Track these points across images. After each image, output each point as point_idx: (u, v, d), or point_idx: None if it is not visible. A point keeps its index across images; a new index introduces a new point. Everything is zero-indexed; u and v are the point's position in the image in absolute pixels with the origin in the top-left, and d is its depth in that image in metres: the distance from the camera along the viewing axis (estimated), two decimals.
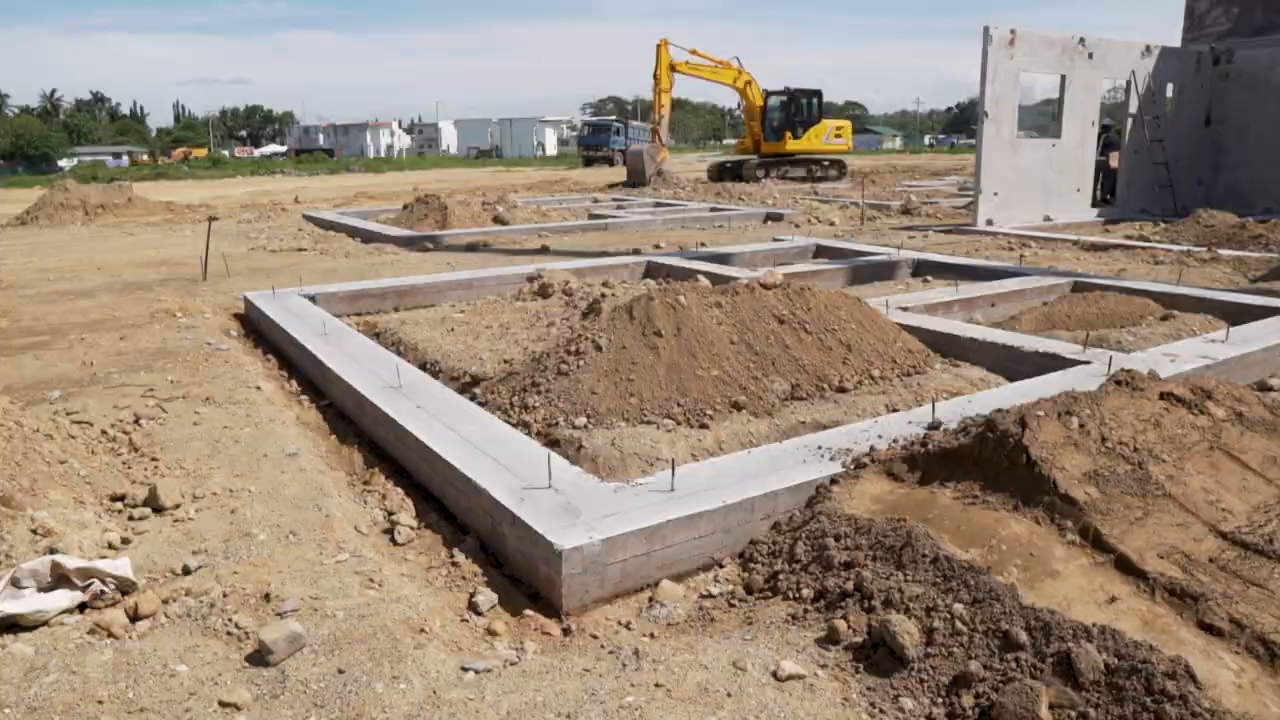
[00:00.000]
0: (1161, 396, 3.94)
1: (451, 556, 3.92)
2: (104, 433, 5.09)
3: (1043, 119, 22.89)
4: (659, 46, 28.04)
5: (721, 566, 3.82)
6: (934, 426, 4.76)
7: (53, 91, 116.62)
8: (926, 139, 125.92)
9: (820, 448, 4.47)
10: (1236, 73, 18.95)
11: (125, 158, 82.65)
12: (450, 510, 4.42)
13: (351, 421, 5.90)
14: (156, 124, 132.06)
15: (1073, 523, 3.34)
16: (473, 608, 3.49)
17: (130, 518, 4.03)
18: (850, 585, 3.13)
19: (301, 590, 3.26)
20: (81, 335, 8.05)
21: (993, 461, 3.69)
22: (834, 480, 4.10)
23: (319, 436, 5.61)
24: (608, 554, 3.53)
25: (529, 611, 3.46)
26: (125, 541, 3.75)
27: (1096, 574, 3.14)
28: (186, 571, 3.50)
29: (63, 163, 74.82)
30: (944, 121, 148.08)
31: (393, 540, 4.11)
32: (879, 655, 2.81)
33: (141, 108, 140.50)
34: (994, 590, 2.85)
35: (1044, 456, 3.52)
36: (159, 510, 4.10)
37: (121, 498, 4.19)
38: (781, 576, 3.46)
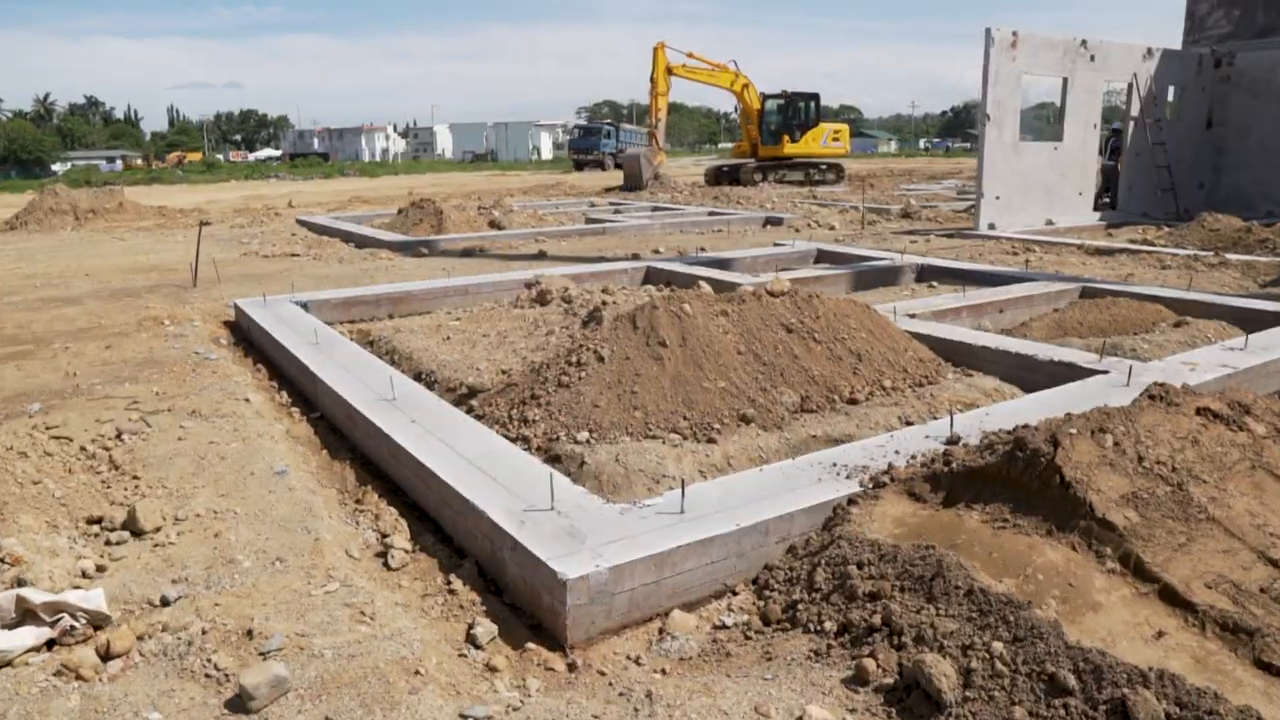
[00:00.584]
0: (1198, 412, 3.73)
1: (448, 583, 3.71)
2: (83, 449, 4.86)
3: (1038, 122, 22.77)
4: (656, 49, 27.87)
5: (735, 594, 3.61)
6: (953, 441, 4.56)
7: (46, 95, 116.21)
8: (921, 143, 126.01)
9: (835, 465, 4.26)
10: (1238, 75, 18.82)
11: (119, 162, 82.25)
12: (447, 531, 4.20)
13: (344, 435, 5.68)
14: (151, 128, 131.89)
15: (1112, 549, 3.13)
16: (471, 640, 3.27)
17: (107, 542, 3.80)
18: (877, 619, 2.92)
19: (287, 626, 3.03)
20: (66, 344, 7.82)
21: (1022, 482, 3.48)
22: (852, 500, 3.88)
23: (309, 451, 5.39)
24: (615, 583, 3.31)
25: (531, 645, 3.24)
26: (100, 569, 3.52)
27: (1140, 606, 2.93)
28: (165, 603, 3.28)
29: (56, 167, 74.48)
30: (939, 125, 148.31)
31: (386, 565, 3.88)
32: (913, 699, 2.59)
33: (135, 112, 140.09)
34: (1036, 627, 2.64)
35: (1079, 478, 3.31)
36: (138, 534, 3.87)
37: (99, 520, 3.96)
38: (801, 607, 3.24)
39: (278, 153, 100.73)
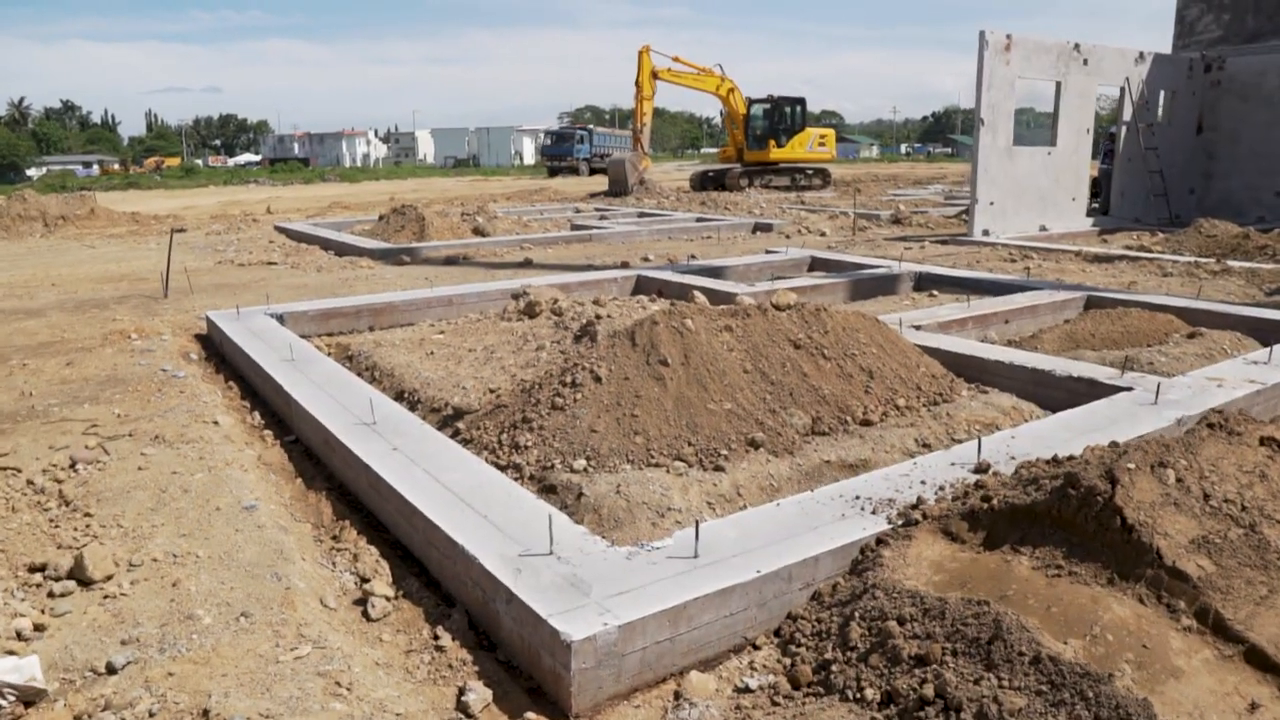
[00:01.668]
0: (1262, 442, 3.40)
1: (435, 637, 3.32)
2: (30, 483, 4.42)
3: (1018, 127, 22.60)
4: (641, 53, 27.56)
5: (756, 648, 3.23)
6: (982, 469, 4.21)
7: (21, 99, 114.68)
8: (903, 148, 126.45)
9: (858, 498, 3.90)
10: (1228, 80, 18.69)
11: (96, 167, 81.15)
12: (433, 574, 3.81)
13: (321, 460, 5.27)
14: (129, 133, 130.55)
15: (1186, 603, 2.78)
16: (462, 709, 2.88)
17: (50, 594, 3.38)
18: (929, 689, 2.55)
19: (249, 704, 2.62)
20: (24, 360, 7.35)
21: (1076, 523, 3.13)
22: (881, 540, 3.52)
23: (283, 480, 4.97)
24: (625, 642, 2.93)
25: (530, 715, 2.86)
26: (39, 628, 3.10)
27: (1226, 671, 2.58)
28: (111, 671, 2.86)
29: (31, 172, 73.36)
30: (919, 130, 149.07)
31: (365, 615, 3.49)
32: None
33: (113, 116, 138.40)
34: (1122, 706, 2.28)
35: (1143, 520, 2.96)
36: (86, 583, 3.45)
37: (42, 568, 3.54)
38: (835, 668, 2.87)
39: (257, 158, 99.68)
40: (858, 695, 2.72)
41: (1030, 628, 2.61)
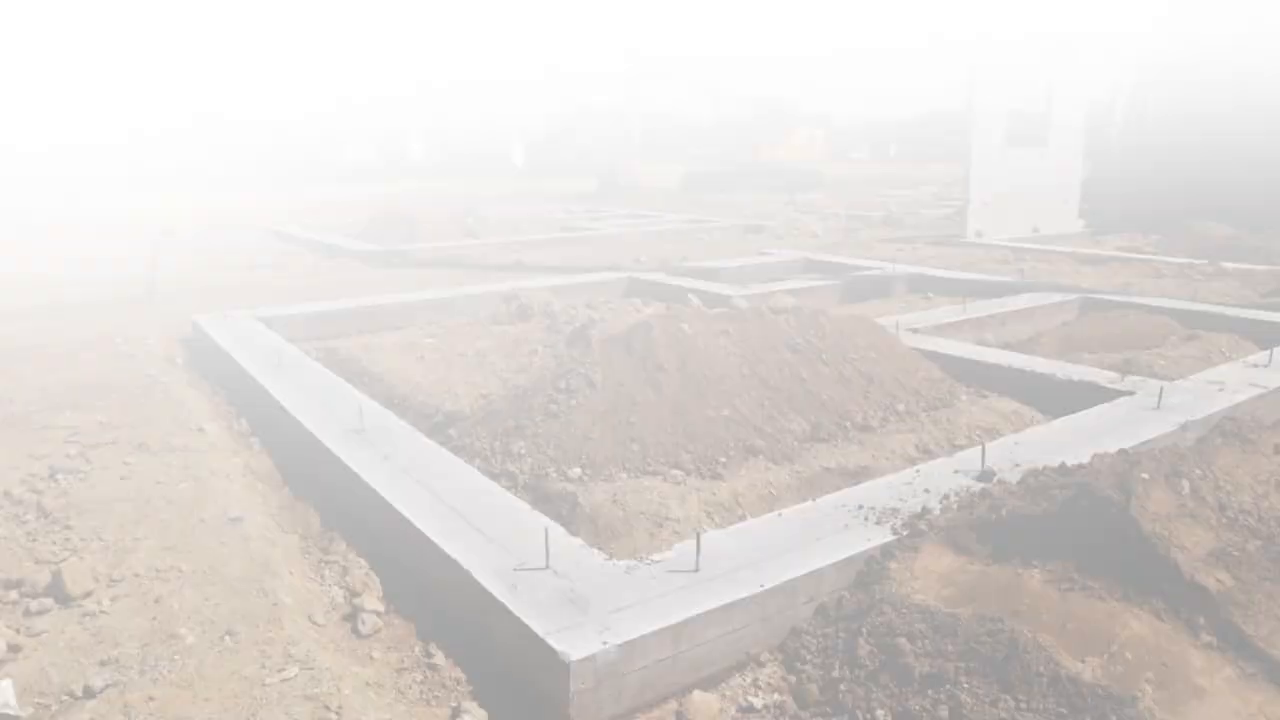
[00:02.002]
0: (1276, 450, 3.32)
1: (428, 654, 3.21)
2: (8, 494, 4.29)
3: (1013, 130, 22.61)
4: None
5: (760, 664, 3.13)
6: (985, 477, 4.12)
7: None
8: (891, 149, 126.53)
9: (861, 507, 3.80)
10: (1219, 82, 18.66)
11: None
12: (426, 588, 3.69)
13: (310, 469, 5.14)
14: None
15: (1205, 619, 2.70)
16: None
17: (26, 612, 3.26)
18: (944, 711, 2.45)
19: None
20: (5, 365, 7.18)
21: (1089, 535, 3.04)
22: (886, 552, 3.43)
23: (270, 489, 4.85)
24: (626, 661, 2.83)
25: None
26: (15, 649, 2.98)
27: (1249, 690, 2.50)
28: (89, 694, 2.74)
29: None
30: (910, 131, 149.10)
31: (355, 631, 3.38)
32: None
33: None
34: None
35: (1158, 533, 2.88)
36: (65, 600, 3.33)
37: (18, 584, 3.41)
38: (844, 687, 2.78)
39: None
40: (868, 716, 2.62)
41: (1047, 646, 2.52)
